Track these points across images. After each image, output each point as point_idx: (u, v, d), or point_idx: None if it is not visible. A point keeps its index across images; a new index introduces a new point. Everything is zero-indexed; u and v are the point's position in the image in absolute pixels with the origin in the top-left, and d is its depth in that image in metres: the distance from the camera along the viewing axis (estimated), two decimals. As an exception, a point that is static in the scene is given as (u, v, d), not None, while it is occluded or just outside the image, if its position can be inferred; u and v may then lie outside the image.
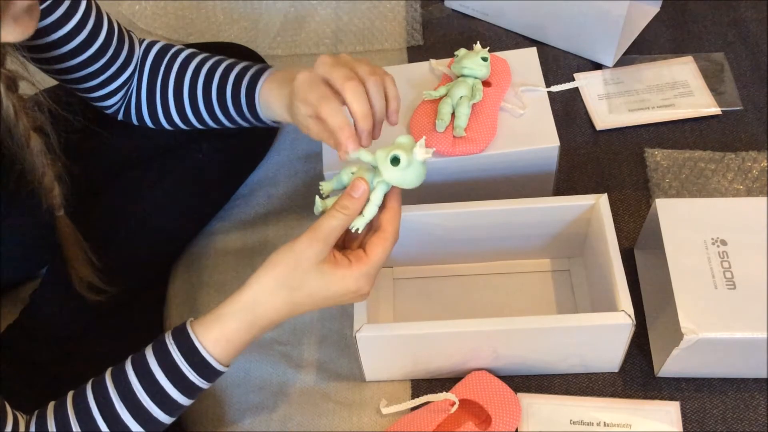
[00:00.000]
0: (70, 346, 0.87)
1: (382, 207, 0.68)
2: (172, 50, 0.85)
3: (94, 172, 0.90)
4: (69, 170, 0.73)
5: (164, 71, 0.84)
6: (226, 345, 0.65)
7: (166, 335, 0.66)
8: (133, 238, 0.91)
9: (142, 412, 0.64)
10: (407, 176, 0.66)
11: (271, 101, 0.79)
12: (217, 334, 0.65)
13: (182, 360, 0.65)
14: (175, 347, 0.65)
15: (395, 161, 0.65)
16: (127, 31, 0.84)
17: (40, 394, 0.69)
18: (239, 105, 0.82)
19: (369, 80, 0.69)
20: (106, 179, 0.92)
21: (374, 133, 0.71)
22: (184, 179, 0.95)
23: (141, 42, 0.85)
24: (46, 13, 0.72)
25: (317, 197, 0.69)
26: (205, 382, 0.66)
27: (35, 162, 0.70)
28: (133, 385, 0.64)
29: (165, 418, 0.66)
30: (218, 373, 0.67)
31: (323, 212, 0.68)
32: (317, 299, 0.66)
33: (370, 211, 0.67)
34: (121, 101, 0.85)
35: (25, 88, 0.70)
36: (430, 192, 0.87)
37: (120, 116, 0.88)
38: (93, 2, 0.78)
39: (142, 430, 0.65)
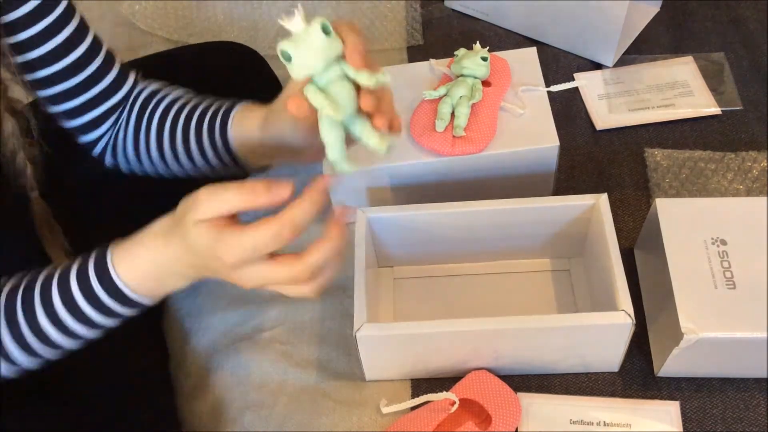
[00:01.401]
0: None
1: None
2: (159, 95, 0.82)
3: (95, 171, 0.90)
4: (47, 155, 0.71)
5: (148, 115, 0.81)
6: (130, 259, 0.63)
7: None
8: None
9: (58, 318, 0.63)
10: (312, 46, 0.57)
11: (247, 119, 0.77)
12: (125, 251, 0.63)
13: (93, 267, 0.63)
14: (93, 257, 0.64)
15: (286, 55, 0.58)
16: (124, 68, 0.80)
17: (33, 382, 0.69)
18: (213, 127, 0.79)
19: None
20: (105, 178, 0.92)
21: (378, 120, 0.64)
22: (184, 179, 0.95)
23: (137, 80, 0.82)
24: (11, 7, 0.69)
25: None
26: (105, 294, 0.63)
27: (6, 143, 0.68)
28: (53, 293, 0.63)
29: (81, 330, 0.64)
30: (116, 288, 0.63)
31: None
32: (194, 255, 0.61)
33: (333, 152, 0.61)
34: (107, 138, 0.82)
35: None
36: (431, 192, 0.87)
37: (107, 157, 0.85)
38: (77, 12, 0.74)
39: (59, 335, 0.63)
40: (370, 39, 1.19)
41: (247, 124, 0.77)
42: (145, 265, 0.63)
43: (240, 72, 0.89)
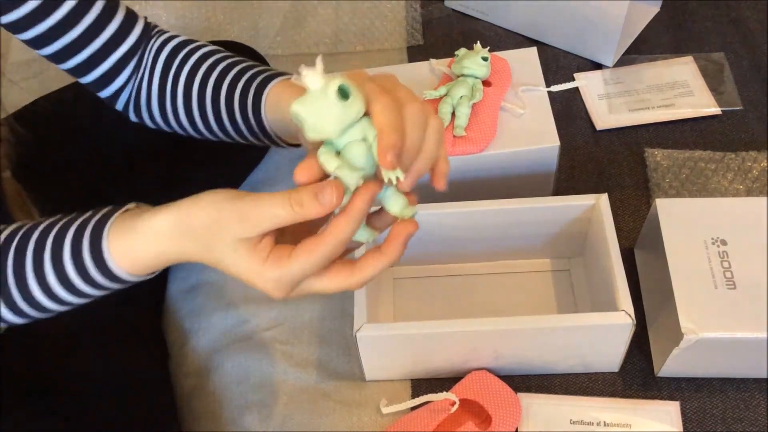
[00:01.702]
0: (68, 347, 0.87)
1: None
2: (186, 49, 0.78)
3: (91, 168, 0.89)
4: (19, 136, 0.69)
5: (175, 72, 0.77)
6: (132, 254, 0.58)
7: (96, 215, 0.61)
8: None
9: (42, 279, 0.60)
10: (320, 114, 0.49)
11: (283, 98, 0.72)
12: (127, 246, 0.58)
13: (89, 255, 0.59)
14: (91, 225, 0.59)
15: (298, 118, 0.50)
16: (131, 16, 0.76)
17: (33, 382, 0.69)
18: (245, 97, 0.75)
19: (410, 105, 0.54)
20: (101, 178, 0.92)
21: (403, 183, 0.56)
22: (182, 180, 0.95)
23: (148, 27, 0.78)
24: None
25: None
26: (104, 278, 0.60)
27: None
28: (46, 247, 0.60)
29: (75, 300, 0.61)
30: (116, 276, 0.60)
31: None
32: (223, 266, 0.56)
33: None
34: (128, 92, 0.79)
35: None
36: (430, 192, 0.87)
37: (131, 113, 0.82)
38: None
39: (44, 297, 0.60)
40: (370, 39, 1.20)
41: (282, 104, 0.72)
42: (150, 261, 0.59)
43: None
